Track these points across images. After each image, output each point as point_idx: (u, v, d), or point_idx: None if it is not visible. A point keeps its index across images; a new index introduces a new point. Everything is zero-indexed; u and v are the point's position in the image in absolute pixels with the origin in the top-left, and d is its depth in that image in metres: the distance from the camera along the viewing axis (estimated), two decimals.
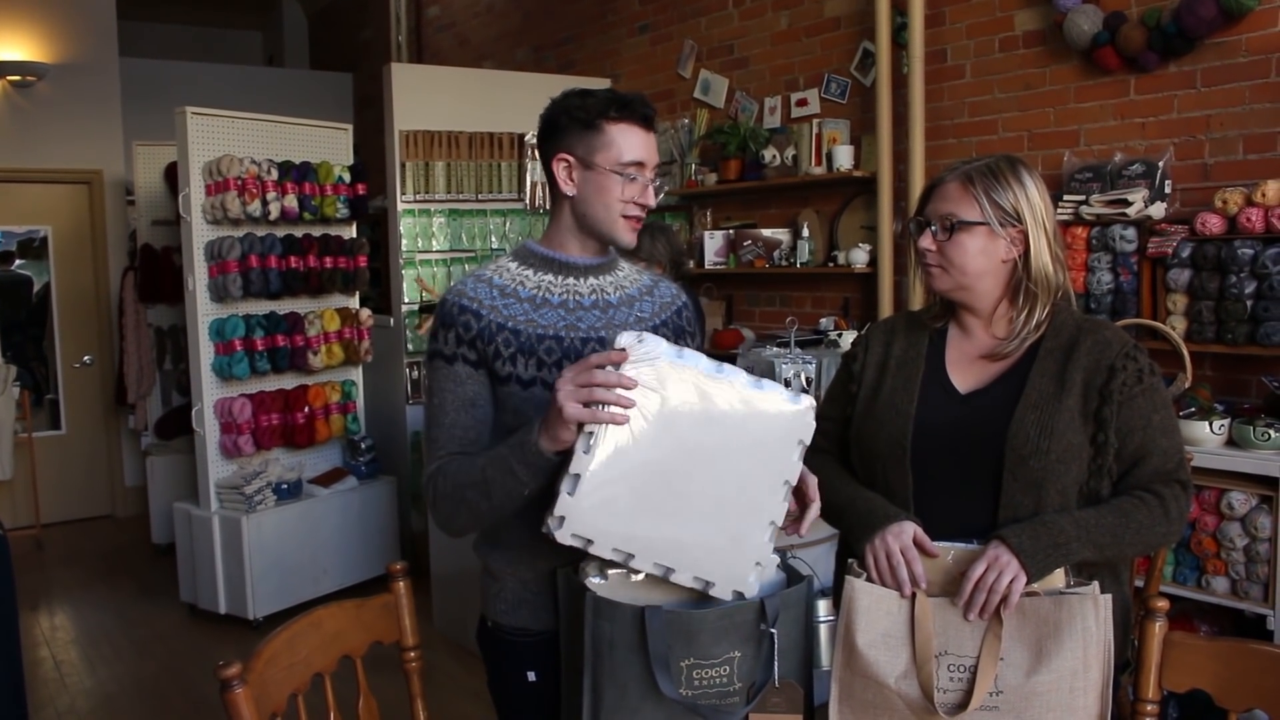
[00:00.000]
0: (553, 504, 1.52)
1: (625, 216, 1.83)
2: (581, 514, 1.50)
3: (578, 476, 1.49)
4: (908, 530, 1.70)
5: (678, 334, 1.96)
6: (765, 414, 1.52)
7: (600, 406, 1.49)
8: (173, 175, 5.80)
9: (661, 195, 1.90)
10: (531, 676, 1.89)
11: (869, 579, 1.63)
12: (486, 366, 1.81)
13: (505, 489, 1.64)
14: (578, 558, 1.65)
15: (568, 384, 1.52)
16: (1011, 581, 1.59)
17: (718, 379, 1.51)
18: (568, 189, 1.84)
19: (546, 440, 1.55)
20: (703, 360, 1.54)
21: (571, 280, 1.88)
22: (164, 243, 6.25)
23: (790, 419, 1.54)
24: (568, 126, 1.82)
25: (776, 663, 1.52)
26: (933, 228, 1.85)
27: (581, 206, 1.85)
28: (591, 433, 1.49)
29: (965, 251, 1.83)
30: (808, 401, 1.55)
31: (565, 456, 1.55)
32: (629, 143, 1.79)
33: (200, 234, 4.88)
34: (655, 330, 1.91)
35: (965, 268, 1.83)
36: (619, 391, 1.48)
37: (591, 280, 1.90)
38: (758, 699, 1.51)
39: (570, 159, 1.83)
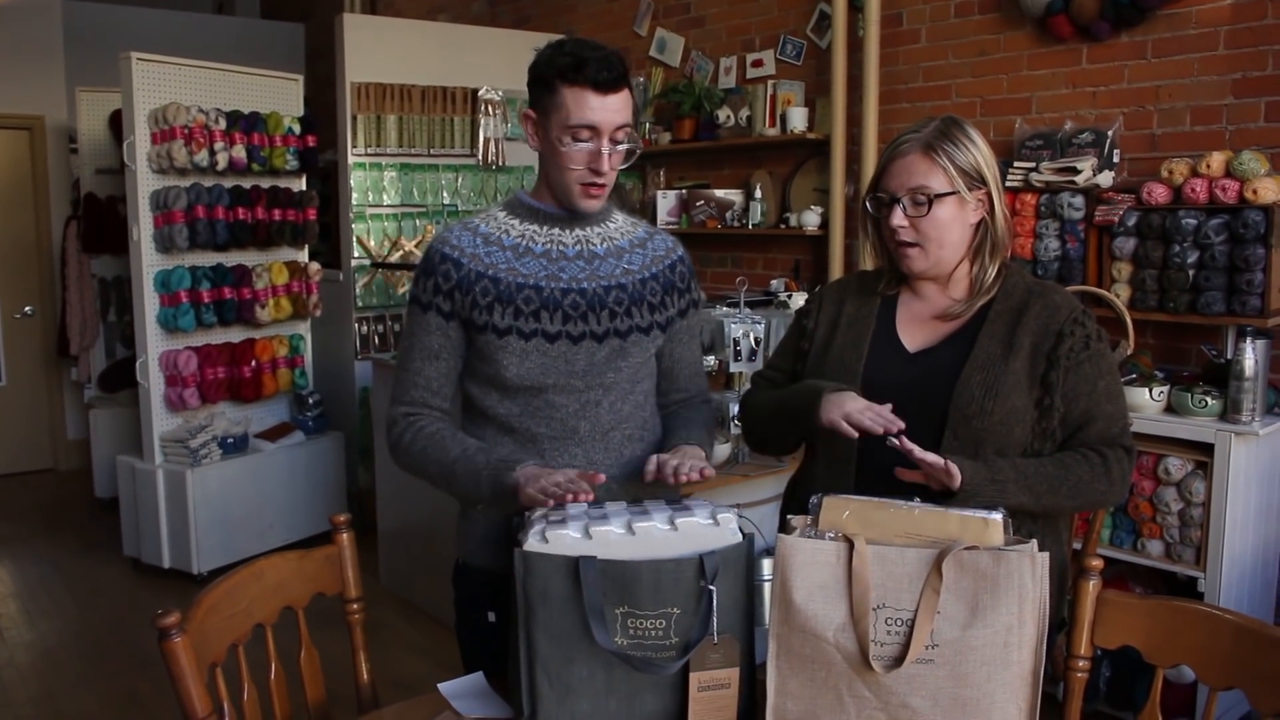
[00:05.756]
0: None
1: (581, 183, 1.80)
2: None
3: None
4: (858, 397, 1.77)
5: (667, 289, 1.96)
6: (694, 528, 1.58)
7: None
8: (118, 122, 5.65)
9: (634, 158, 1.86)
10: (491, 617, 1.90)
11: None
12: (461, 317, 1.85)
13: (465, 491, 1.81)
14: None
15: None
16: (948, 478, 1.66)
17: (640, 521, 1.57)
18: (533, 145, 1.85)
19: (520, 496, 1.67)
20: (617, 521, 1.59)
21: (556, 230, 1.89)
22: (108, 192, 6.11)
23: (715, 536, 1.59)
24: (534, 84, 1.82)
25: (715, 619, 1.53)
26: (901, 203, 1.82)
27: (544, 165, 1.86)
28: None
29: (941, 224, 1.81)
30: (726, 519, 1.60)
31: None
32: (579, 106, 1.74)
33: (146, 183, 4.78)
34: (643, 284, 1.92)
35: (943, 240, 1.82)
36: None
37: (577, 231, 1.90)
38: (694, 653, 1.52)
39: (533, 116, 1.83)
